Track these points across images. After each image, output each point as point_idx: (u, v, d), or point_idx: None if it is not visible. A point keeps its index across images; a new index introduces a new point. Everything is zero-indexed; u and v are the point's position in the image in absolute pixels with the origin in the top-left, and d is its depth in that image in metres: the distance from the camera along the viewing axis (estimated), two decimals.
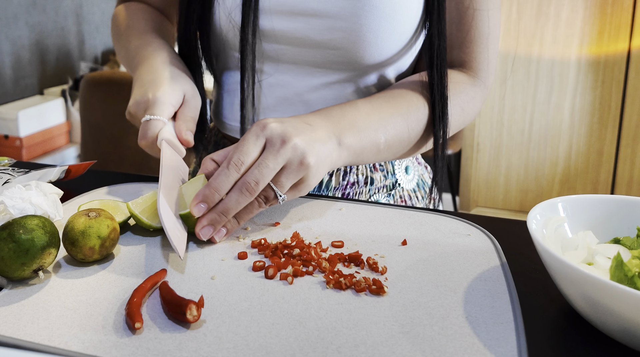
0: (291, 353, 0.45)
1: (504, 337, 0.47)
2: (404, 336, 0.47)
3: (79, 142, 2.76)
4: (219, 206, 0.61)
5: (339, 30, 0.73)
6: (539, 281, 0.56)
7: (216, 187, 0.60)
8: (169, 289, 0.51)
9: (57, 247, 0.55)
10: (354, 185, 0.83)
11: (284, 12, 0.74)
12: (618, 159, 2.93)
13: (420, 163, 0.92)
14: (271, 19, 0.75)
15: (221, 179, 0.60)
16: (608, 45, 2.82)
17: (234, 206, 0.61)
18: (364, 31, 0.73)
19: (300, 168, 0.61)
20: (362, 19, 0.72)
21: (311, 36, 0.74)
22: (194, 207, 0.60)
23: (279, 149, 0.60)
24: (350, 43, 0.74)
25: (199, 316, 0.48)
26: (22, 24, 2.73)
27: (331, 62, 0.76)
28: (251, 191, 0.60)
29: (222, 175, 0.60)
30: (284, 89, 0.79)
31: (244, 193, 0.60)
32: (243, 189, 0.60)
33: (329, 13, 0.73)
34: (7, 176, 0.74)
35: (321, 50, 0.75)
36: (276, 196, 0.62)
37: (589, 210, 0.58)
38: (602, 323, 0.46)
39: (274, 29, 0.75)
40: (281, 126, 0.62)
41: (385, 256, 0.60)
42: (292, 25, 0.74)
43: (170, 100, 0.70)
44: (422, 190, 0.90)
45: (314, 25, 0.74)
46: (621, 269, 0.48)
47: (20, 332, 0.47)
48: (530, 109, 3.01)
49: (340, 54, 0.75)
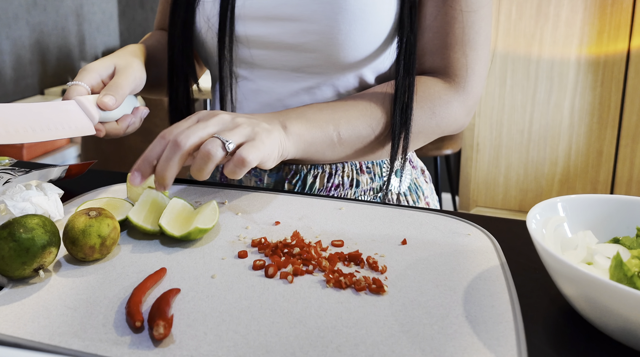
0: (291, 352, 0.45)
1: (504, 336, 0.47)
2: (403, 335, 0.47)
3: (79, 142, 2.76)
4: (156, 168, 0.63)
5: (313, 34, 0.75)
6: (539, 281, 0.56)
7: (145, 157, 0.63)
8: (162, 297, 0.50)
9: (58, 246, 0.55)
10: (339, 187, 0.83)
11: (260, 17, 0.77)
12: (617, 158, 2.93)
13: (415, 166, 0.91)
14: (247, 24, 0.77)
15: (149, 150, 0.63)
16: (607, 45, 2.82)
17: (166, 164, 0.62)
18: (335, 33, 0.74)
19: (234, 131, 0.63)
20: (334, 22, 0.74)
21: (286, 40, 0.76)
22: (130, 176, 0.63)
23: (208, 118, 0.64)
24: (324, 45, 0.75)
25: (166, 335, 0.45)
26: (23, 24, 2.73)
27: (308, 65, 0.78)
28: (179, 144, 0.61)
29: (151, 147, 0.63)
30: (266, 95, 0.81)
31: (174, 146, 0.61)
32: (172, 142, 0.62)
33: (301, 17, 0.74)
34: (7, 176, 0.74)
35: (297, 54, 0.77)
36: (222, 141, 0.62)
37: (588, 210, 0.58)
38: (601, 323, 0.46)
39: (251, 35, 0.78)
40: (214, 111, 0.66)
41: (385, 255, 0.60)
42: (267, 30, 0.77)
43: (96, 69, 0.72)
44: (415, 194, 0.89)
45: (288, 29, 0.76)
46: (621, 268, 0.48)
47: (21, 331, 0.47)
48: (529, 109, 3.01)
49: (316, 57, 0.77)
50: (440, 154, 2.65)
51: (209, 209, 0.65)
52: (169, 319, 0.47)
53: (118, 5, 3.41)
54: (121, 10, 3.43)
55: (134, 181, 0.63)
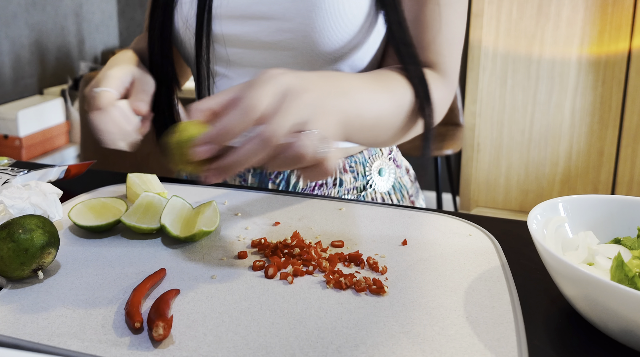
0: (291, 353, 0.44)
1: (504, 337, 0.47)
2: (404, 335, 0.47)
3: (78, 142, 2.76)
4: (233, 155, 0.53)
5: (287, 31, 0.75)
6: (540, 282, 0.56)
7: (224, 127, 0.52)
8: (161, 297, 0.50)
9: (57, 246, 0.55)
10: (322, 186, 0.83)
11: (236, 16, 0.77)
12: (619, 159, 2.93)
13: (399, 166, 0.91)
14: (224, 23, 0.78)
15: (231, 120, 0.52)
16: (609, 45, 2.82)
17: (249, 158, 0.52)
18: (309, 30, 0.75)
19: (319, 122, 0.54)
20: (308, 19, 0.74)
21: (262, 38, 0.77)
22: (198, 147, 0.52)
23: (296, 98, 0.54)
24: (299, 43, 0.76)
25: (165, 336, 0.45)
26: (22, 24, 2.73)
27: (285, 63, 0.78)
28: (271, 142, 0.52)
29: (232, 117, 0.52)
30: None
31: (264, 143, 0.51)
32: (263, 139, 0.51)
33: (276, 15, 0.75)
34: (6, 176, 0.74)
35: (274, 52, 0.77)
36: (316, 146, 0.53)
37: (589, 210, 0.58)
38: (602, 323, 0.46)
39: (226, 33, 0.78)
40: (295, 79, 0.56)
41: (385, 255, 0.60)
42: (243, 29, 0.77)
43: (118, 76, 0.72)
44: (399, 193, 0.89)
45: (263, 28, 0.76)
46: (622, 269, 0.48)
47: (20, 331, 0.47)
48: (530, 109, 3.01)
49: (293, 55, 0.77)
50: (440, 154, 2.65)
51: (210, 210, 0.65)
52: (169, 320, 0.47)
53: (117, 5, 3.41)
54: (120, 10, 3.43)
55: (202, 155, 0.52)
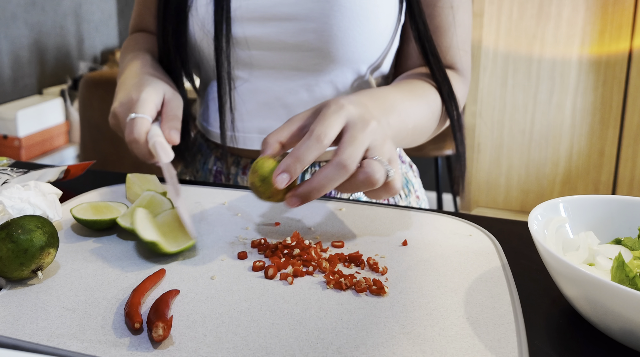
0: (291, 353, 0.44)
1: (505, 338, 0.47)
2: (404, 336, 0.47)
3: (78, 142, 2.76)
4: (312, 182, 0.57)
5: (310, 32, 0.75)
6: (540, 282, 0.56)
7: (299, 156, 0.56)
8: (161, 298, 0.50)
9: (56, 247, 0.54)
10: None
11: (256, 18, 0.76)
12: (619, 159, 2.93)
13: (404, 161, 0.93)
14: (244, 26, 0.77)
15: (304, 148, 0.56)
16: (609, 45, 2.82)
17: (327, 184, 0.57)
18: (334, 31, 0.75)
19: (384, 147, 0.59)
20: (332, 19, 0.74)
21: (284, 39, 0.76)
22: (276, 176, 0.57)
23: (363, 128, 0.58)
24: (322, 43, 0.76)
25: (165, 337, 0.45)
26: (21, 24, 2.73)
27: (306, 63, 0.78)
28: (347, 168, 0.56)
29: (305, 146, 0.57)
30: (264, 94, 0.81)
31: (340, 171, 0.56)
32: (339, 166, 0.56)
33: (298, 16, 0.75)
34: (5, 176, 0.74)
35: (295, 53, 0.77)
36: (386, 170, 0.58)
37: (590, 210, 0.58)
38: (603, 324, 0.46)
39: (247, 36, 0.78)
40: (357, 108, 0.60)
41: (385, 256, 0.60)
42: (264, 30, 0.77)
43: (152, 99, 0.71)
44: (406, 188, 0.91)
45: (285, 29, 0.76)
46: (622, 269, 0.47)
47: (19, 332, 0.47)
48: (531, 109, 3.01)
49: (314, 55, 0.77)
50: (440, 154, 2.64)
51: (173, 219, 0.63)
52: (168, 320, 0.46)
53: (117, 5, 3.41)
54: (120, 10, 3.43)
55: (281, 183, 0.57)
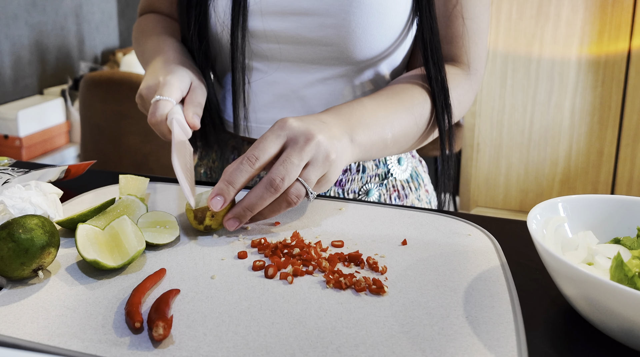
0: (291, 352, 0.44)
1: (504, 337, 0.47)
2: (404, 335, 0.47)
3: (78, 142, 2.76)
4: (244, 201, 0.62)
5: (329, 27, 0.76)
6: (539, 281, 0.56)
7: (229, 180, 0.62)
8: (161, 297, 0.50)
9: (57, 246, 0.55)
10: (347, 172, 0.85)
11: (276, 12, 0.77)
12: (618, 158, 2.93)
13: (414, 156, 0.94)
14: (263, 19, 0.78)
15: (234, 172, 0.62)
16: (608, 45, 2.82)
17: (257, 202, 0.62)
18: (353, 27, 0.75)
19: (325, 164, 0.62)
20: (351, 15, 0.75)
21: (303, 34, 0.77)
22: (211, 200, 0.61)
23: (303, 146, 0.62)
24: (340, 39, 0.76)
25: (165, 336, 0.45)
26: (22, 24, 2.73)
27: (324, 58, 0.79)
28: (276, 188, 0.61)
29: (236, 169, 0.62)
30: (280, 86, 0.82)
31: (269, 189, 0.61)
32: (268, 185, 0.61)
33: (318, 11, 0.75)
34: (6, 176, 0.74)
35: (313, 47, 0.78)
36: (307, 192, 0.63)
37: (589, 210, 0.58)
38: (602, 323, 0.46)
39: (266, 29, 0.78)
40: (302, 124, 0.63)
41: (385, 255, 0.60)
42: (283, 24, 0.77)
43: (178, 85, 0.73)
44: (416, 181, 0.92)
45: (305, 24, 0.76)
46: (621, 269, 0.48)
47: (20, 331, 0.47)
48: (530, 109, 3.01)
49: (332, 50, 0.78)
50: None
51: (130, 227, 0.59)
52: (169, 320, 0.47)
53: (117, 5, 3.41)
54: (120, 10, 3.43)
55: (216, 206, 0.62)
